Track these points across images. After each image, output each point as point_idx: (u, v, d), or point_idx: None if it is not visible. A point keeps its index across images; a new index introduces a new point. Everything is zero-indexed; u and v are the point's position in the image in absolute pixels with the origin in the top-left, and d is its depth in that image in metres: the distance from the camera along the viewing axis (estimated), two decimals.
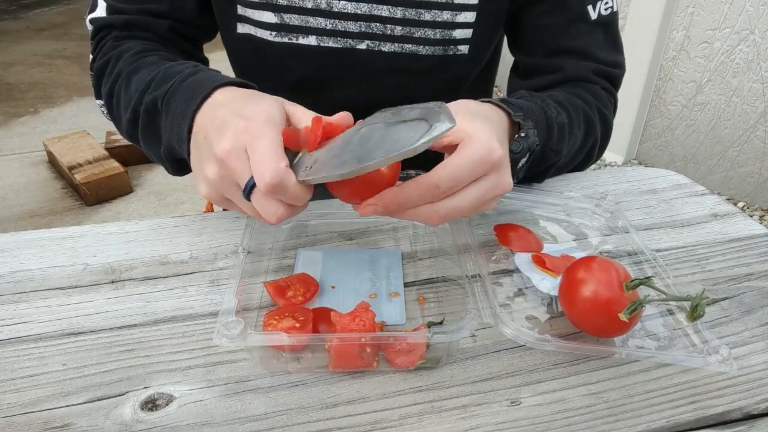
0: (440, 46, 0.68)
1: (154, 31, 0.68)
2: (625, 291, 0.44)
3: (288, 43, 0.67)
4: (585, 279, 0.45)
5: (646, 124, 2.37)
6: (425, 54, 0.68)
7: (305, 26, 0.65)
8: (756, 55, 1.93)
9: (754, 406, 0.43)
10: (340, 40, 0.66)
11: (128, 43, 0.67)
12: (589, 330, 0.47)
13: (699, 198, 0.69)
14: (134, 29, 0.68)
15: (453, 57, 0.69)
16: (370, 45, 0.67)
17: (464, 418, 0.42)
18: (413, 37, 0.67)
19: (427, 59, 0.69)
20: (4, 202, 2.16)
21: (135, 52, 0.64)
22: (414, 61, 0.68)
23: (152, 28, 0.68)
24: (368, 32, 0.66)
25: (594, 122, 0.68)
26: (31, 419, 0.42)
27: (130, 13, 0.68)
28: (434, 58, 0.69)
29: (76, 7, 4.39)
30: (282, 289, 0.52)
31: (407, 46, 0.67)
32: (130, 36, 0.68)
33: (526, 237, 0.59)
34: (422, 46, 0.67)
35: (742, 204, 2.11)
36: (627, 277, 0.45)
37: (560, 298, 0.48)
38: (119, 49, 0.65)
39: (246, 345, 0.42)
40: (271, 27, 0.66)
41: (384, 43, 0.67)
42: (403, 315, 0.51)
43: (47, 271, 0.56)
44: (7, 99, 2.97)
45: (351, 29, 0.66)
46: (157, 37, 0.69)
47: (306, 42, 0.67)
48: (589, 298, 0.44)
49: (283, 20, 0.65)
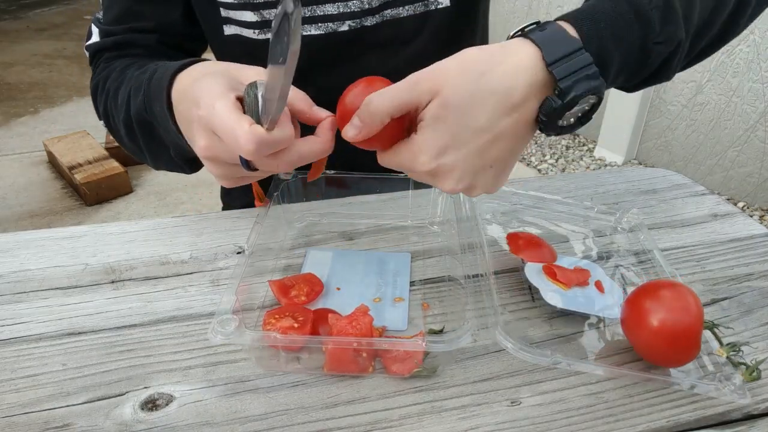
0: (420, 2, 0.67)
1: (144, 47, 0.70)
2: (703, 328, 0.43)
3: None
4: (661, 306, 0.43)
5: (646, 124, 2.37)
6: (407, 15, 0.67)
7: None
8: (756, 55, 1.93)
9: (754, 406, 0.43)
10: (322, 26, 0.66)
11: (117, 62, 0.68)
12: (653, 358, 0.46)
13: (699, 198, 0.69)
14: (125, 48, 0.70)
15: (435, 12, 0.68)
16: (351, 25, 0.66)
17: (464, 418, 0.42)
18: (390, 2, 0.66)
19: (410, 21, 0.67)
20: (4, 202, 2.16)
21: (120, 69, 0.65)
22: (397, 27, 0.68)
23: (142, 44, 0.69)
24: (347, 12, 0.65)
25: None
26: (31, 419, 0.42)
27: (120, 33, 0.69)
28: (416, 18, 0.67)
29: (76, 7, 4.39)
30: (286, 288, 0.52)
31: (387, 12, 0.67)
32: (120, 56, 0.70)
33: (540, 247, 0.57)
34: (401, 7, 0.67)
35: (742, 204, 2.11)
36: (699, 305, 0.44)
37: (626, 319, 0.46)
38: (108, 69, 0.67)
39: (240, 343, 0.42)
40: (253, 25, 0.66)
41: (365, 17, 0.66)
42: (405, 321, 0.51)
43: (47, 271, 0.56)
44: (7, 99, 2.97)
45: (330, 11, 0.65)
46: (148, 51, 0.70)
47: None
48: (667, 328, 0.43)
49: (264, 17, 0.65)
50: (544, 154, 2.52)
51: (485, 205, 0.64)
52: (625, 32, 0.45)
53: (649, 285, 0.46)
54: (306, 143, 0.46)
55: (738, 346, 0.44)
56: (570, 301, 0.50)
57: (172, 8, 0.68)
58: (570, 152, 2.52)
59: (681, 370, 0.45)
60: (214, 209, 1.51)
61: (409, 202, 0.64)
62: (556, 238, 0.61)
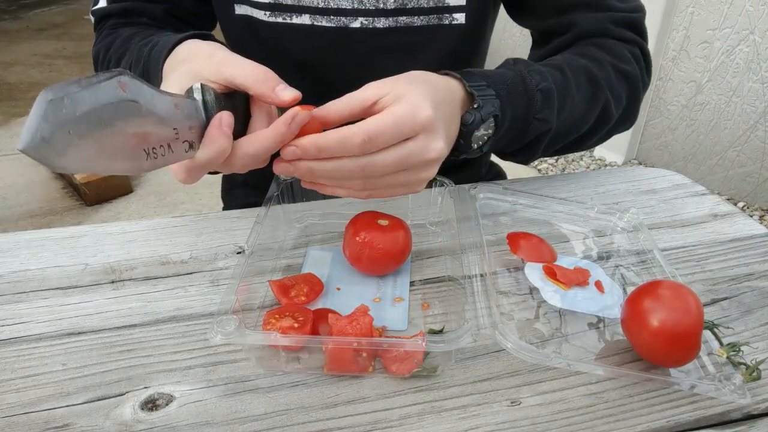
0: (435, 15, 0.66)
1: (151, 16, 0.69)
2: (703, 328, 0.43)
3: (282, 23, 0.66)
4: (661, 307, 0.43)
5: (646, 124, 2.37)
6: (420, 25, 0.67)
7: (298, 5, 0.65)
8: (756, 55, 1.93)
9: (754, 406, 0.43)
10: (334, 19, 0.66)
11: (122, 30, 0.68)
12: (653, 359, 0.46)
13: (699, 198, 0.69)
14: (131, 16, 0.69)
15: (448, 27, 0.67)
16: (363, 23, 0.66)
17: (464, 418, 0.42)
18: (406, 9, 0.65)
19: (423, 31, 0.67)
20: (4, 202, 2.16)
21: (125, 37, 0.65)
22: (409, 35, 0.67)
23: (148, 13, 0.69)
24: (361, 8, 0.65)
25: (599, 81, 0.62)
26: (31, 419, 0.42)
27: (128, 0, 0.69)
28: (430, 29, 0.67)
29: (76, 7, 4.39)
30: (286, 288, 0.52)
31: (401, 18, 0.66)
32: (126, 23, 0.69)
33: (539, 247, 0.57)
34: (416, 16, 0.66)
35: (742, 204, 2.11)
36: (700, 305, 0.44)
37: (626, 319, 0.46)
38: (112, 36, 0.67)
39: (240, 343, 0.42)
40: (265, 6, 0.65)
41: (378, 18, 0.66)
42: (405, 321, 0.50)
43: (47, 271, 0.56)
44: (7, 99, 2.97)
45: (344, 6, 0.65)
46: (154, 21, 0.70)
47: (300, 21, 0.66)
48: (667, 328, 0.43)
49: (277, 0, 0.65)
50: None
51: (485, 204, 0.64)
52: (517, 98, 0.55)
53: (649, 285, 0.46)
54: (252, 143, 0.44)
55: (738, 346, 0.44)
56: (570, 301, 0.50)
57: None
58: None
59: (681, 371, 0.45)
60: (214, 209, 1.51)
61: (408, 202, 0.64)
62: (556, 238, 0.61)
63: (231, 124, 0.43)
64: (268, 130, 0.44)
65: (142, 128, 0.36)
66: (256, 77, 0.44)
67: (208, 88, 0.43)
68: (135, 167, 0.36)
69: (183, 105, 0.40)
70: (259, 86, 0.44)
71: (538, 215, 0.63)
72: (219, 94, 0.44)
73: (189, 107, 0.41)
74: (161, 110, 0.38)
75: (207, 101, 0.43)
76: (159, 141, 0.38)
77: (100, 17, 0.71)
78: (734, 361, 0.43)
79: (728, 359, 0.43)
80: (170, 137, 0.39)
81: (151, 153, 0.37)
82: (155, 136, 0.37)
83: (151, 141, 0.37)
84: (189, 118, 0.41)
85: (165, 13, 0.70)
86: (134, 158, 0.36)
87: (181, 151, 0.40)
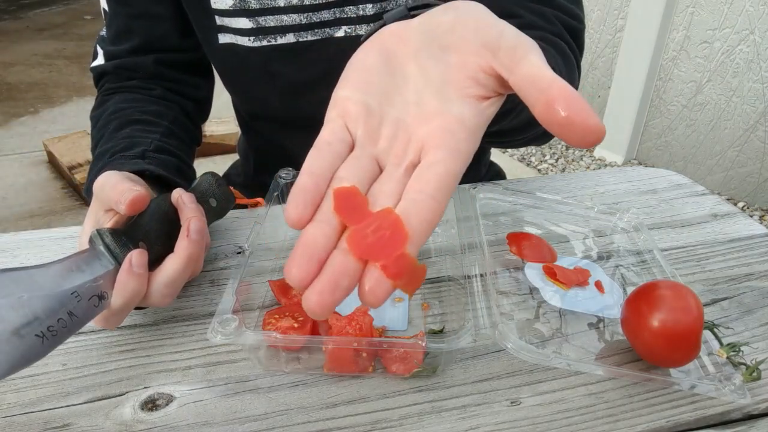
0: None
1: (143, 71, 0.69)
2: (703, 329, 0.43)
3: (267, 45, 0.66)
4: (661, 307, 0.43)
5: (646, 124, 2.37)
6: None
7: (281, 25, 0.65)
8: (756, 55, 1.93)
9: (754, 406, 0.43)
10: (318, 32, 0.66)
11: (112, 99, 0.68)
12: (653, 359, 0.46)
13: (699, 198, 0.69)
14: (123, 74, 0.70)
15: None
16: (347, 31, 0.66)
17: (464, 418, 0.42)
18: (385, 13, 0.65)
19: None
20: (4, 202, 2.16)
21: (109, 113, 0.65)
22: None
23: (140, 68, 0.69)
24: (343, 17, 0.65)
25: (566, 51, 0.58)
26: (31, 419, 0.42)
27: (121, 56, 0.70)
28: None
29: (76, 7, 4.39)
30: (286, 288, 0.52)
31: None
32: (117, 88, 0.70)
33: (539, 247, 0.57)
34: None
35: (742, 204, 2.11)
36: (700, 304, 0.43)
37: (626, 319, 0.46)
38: (102, 109, 0.67)
39: (240, 343, 0.42)
40: (248, 32, 0.65)
41: (360, 26, 0.65)
42: (405, 321, 0.50)
43: None
44: (7, 99, 2.97)
45: (326, 18, 0.65)
46: (146, 77, 0.70)
47: (285, 41, 0.66)
48: (667, 328, 0.43)
49: (259, 24, 0.65)
50: (544, 154, 2.52)
51: (485, 204, 0.64)
52: None
53: (649, 285, 0.46)
54: (163, 273, 0.45)
55: (738, 346, 0.43)
56: (570, 301, 0.50)
57: (160, 21, 0.68)
58: (570, 152, 2.52)
59: (681, 371, 0.45)
60: None
61: None
62: (556, 238, 0.61)
63: (143, 262, 0.43)
64: (175, 252, 0.46)
65: (24, 318, 0.36)
66: (117, 198, 0.44)
67: (104, 231, 0.43)
68: (33, 356, 0.37)
69: (84, 261, 0.41)
70: (119, 207, 0.44)
71: (538, 215, 0.63)
72: (119, 231, 0.44)
73: (92, 259, 0.42)
74: (49, 287, 0.38)
75: (108, 245, 0.43)
76: (53, 317, 0.38)
77: (98, 75, 0.72)
78: (734, 361, 0.43)
79: (728, 359, 0.43)
80: (67, 306, 0.39)
81: (46, 334, 0.37)
82: (44, 315, 0.37)
83: (43, 323, 0.37)
84: (94, 272, 0.41)
85: (156, 63, 0.69)
86: (30, 348, 0.36)
87: (90, 308, 0.41)
